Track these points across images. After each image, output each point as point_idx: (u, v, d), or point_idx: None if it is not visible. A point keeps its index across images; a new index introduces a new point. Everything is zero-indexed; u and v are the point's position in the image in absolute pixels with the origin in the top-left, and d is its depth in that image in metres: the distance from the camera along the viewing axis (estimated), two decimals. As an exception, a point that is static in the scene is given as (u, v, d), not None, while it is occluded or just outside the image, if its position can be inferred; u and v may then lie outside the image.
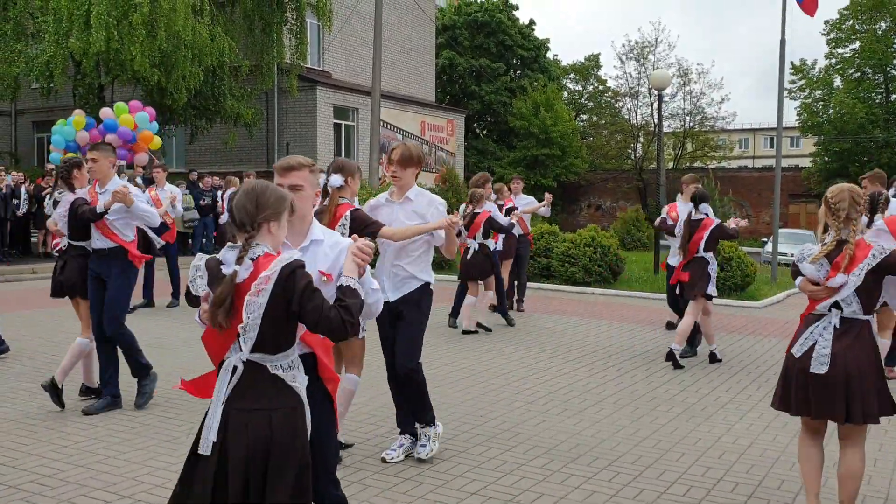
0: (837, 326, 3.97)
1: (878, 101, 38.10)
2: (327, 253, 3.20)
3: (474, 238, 9.45)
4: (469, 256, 9.48)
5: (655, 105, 31.11)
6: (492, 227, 9.42)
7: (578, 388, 7.06)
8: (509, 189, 11.68)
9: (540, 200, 11.68)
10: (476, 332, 9.59)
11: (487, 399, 6.58)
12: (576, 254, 14.44)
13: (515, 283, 11.45)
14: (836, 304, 3.97)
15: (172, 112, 19.75)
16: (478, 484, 4.66)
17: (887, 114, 37.28)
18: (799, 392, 4.03)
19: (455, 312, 10.03)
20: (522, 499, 4.47)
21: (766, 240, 27.16)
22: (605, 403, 6.54)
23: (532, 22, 39.33)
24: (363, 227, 4.66)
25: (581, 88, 45.39)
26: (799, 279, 4.13)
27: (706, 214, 8.08)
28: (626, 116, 41.74)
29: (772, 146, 54.03)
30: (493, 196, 11.22)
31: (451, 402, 6.43)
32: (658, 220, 9.77)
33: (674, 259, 8.79)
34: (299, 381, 2.87)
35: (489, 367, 7.76)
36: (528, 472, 4.87)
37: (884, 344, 7.50)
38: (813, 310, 4.06)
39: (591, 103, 44.59)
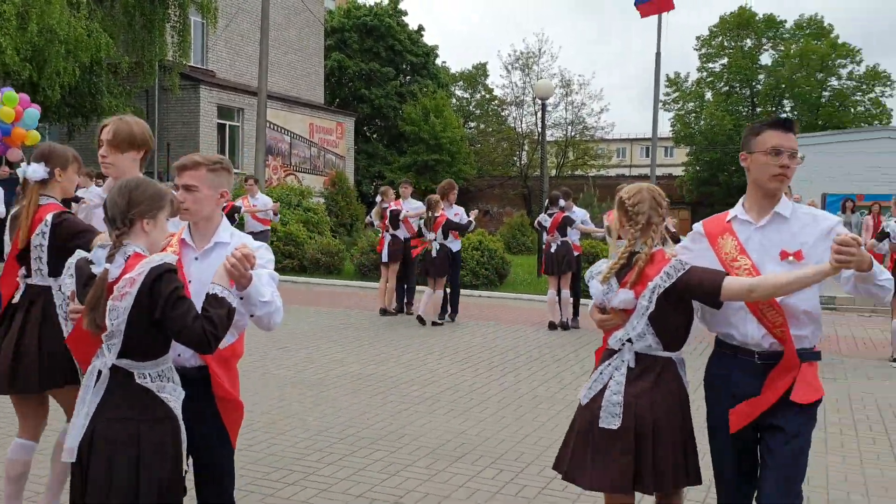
0: (632, 366, 3.07)
1: (745, 113, 40.50)
2: None
3: (435, 239, 10.38)
4: (434, 255, 10.36)
5: (540, 114, 31.98)
6: (451, 228, 10.43)
7: (464, 388, 7.20)
8: (397, 193, 11.82)
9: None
10: (442, 322, 10.62)
11: (375, 402, 6.62)
12: (463, 257, 14.68)
13: (405, 286, 11.58)
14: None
15: (46, 109, 18.78)
16: (362, 486, 4.70)
17: (753, 126, 39.67)
18: (577, 451, 3.13)
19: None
20: (407, 499, 4.53)
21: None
22: (490, 403, 6.71)
23: (421, 28, 39.62)
24: (70, 236, 3.56)
25: (469, 96, 46.12)
26: (590, 304, 3.29)
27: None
28: (512, 125, 42.74)
29: (647, 155, 56.49)
30: (379, 198, 11.58)
31: (338, 406, 6.44)
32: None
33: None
34: (168, 393, 2.70)
35: (377, 370, 7.79)
36: (413, 473, 4.94)
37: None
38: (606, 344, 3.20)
39: (479, 111, 45.40)
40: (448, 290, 10.83)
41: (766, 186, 3.08)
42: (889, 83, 39.08)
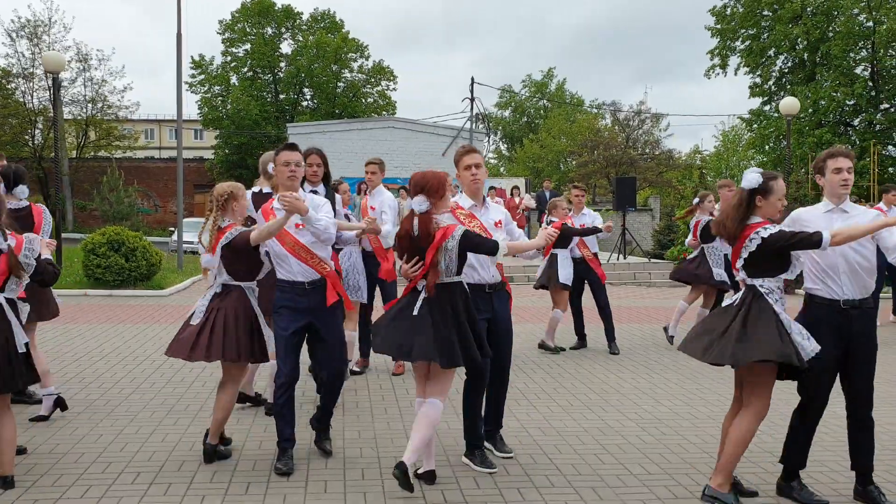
0: None
1: (269, 99, 42.10)
2: None
3: None
4: None
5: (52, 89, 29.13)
6: None
7: None
8: None
9: None
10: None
11: None
12: None
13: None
14: None
15: None
16: None
17: (277, 111, 41.47)
18: None
19: None
20: None
21: (172, 229, 27.87)
22: None
23: None
24: None
25: (-37, 64, 40.00)
26: None
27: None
28: (21, 99, 38.29)
29: (176, 137, 55.42)
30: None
31: None
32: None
33: None
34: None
35: None
36: None
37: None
38: None
39: (-24, 82, 39.64)
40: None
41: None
42: (392, 78, 43.99)
